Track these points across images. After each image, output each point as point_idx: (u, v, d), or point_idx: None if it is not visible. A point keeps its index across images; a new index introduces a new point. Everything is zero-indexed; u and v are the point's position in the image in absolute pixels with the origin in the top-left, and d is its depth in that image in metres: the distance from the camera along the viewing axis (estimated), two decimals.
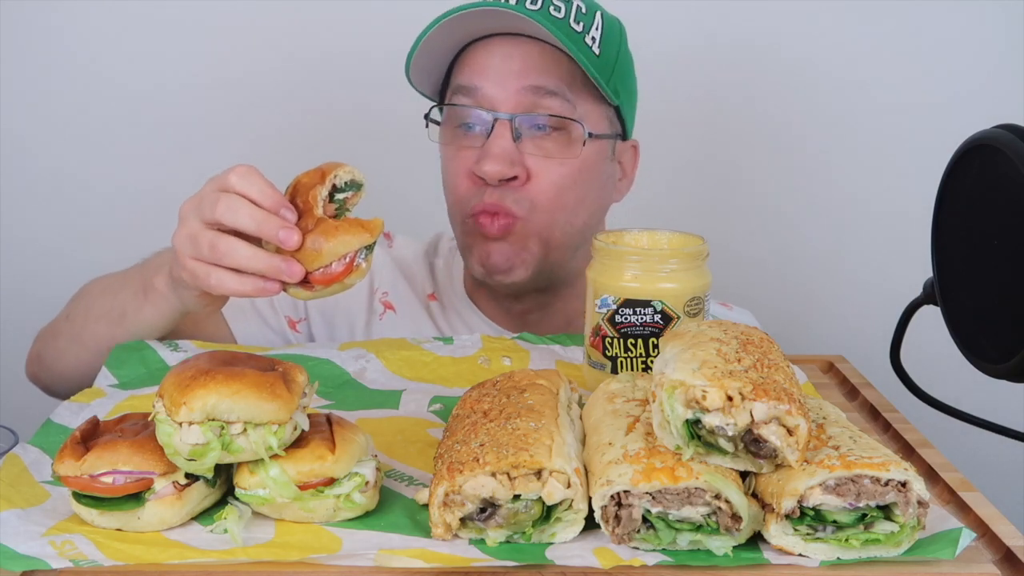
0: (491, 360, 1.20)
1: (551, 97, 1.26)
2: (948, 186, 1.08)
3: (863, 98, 1.88)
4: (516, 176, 1.25)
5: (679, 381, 0.79)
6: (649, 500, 0.78)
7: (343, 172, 0.96)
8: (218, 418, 0.79)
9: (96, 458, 0.80)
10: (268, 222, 0.95)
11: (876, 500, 0.77)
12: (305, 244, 0.93)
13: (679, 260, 1.06)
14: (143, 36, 1.84)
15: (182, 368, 0.82)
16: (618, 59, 1.30)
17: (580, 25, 1.25)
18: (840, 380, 1.22)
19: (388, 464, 0.94)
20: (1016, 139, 0.96)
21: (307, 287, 0.95)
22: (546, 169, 1.27)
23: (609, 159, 1.34)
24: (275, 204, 0.96)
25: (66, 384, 1.26)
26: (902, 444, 1.03)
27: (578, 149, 1.27)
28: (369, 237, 0.94)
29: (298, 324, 1.38)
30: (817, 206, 1.94)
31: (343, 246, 0.93)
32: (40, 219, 1.89)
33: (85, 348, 1.24)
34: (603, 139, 1.31)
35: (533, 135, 1.26)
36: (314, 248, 0.93)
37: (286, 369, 0.85)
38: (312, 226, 0.94)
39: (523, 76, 1.25)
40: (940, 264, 1.11)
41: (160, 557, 0.78)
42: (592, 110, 1.29)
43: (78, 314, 1.28)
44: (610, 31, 1.30)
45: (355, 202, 0.98)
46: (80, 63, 1.84)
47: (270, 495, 0.81)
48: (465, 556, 0.78)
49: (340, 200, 0.97)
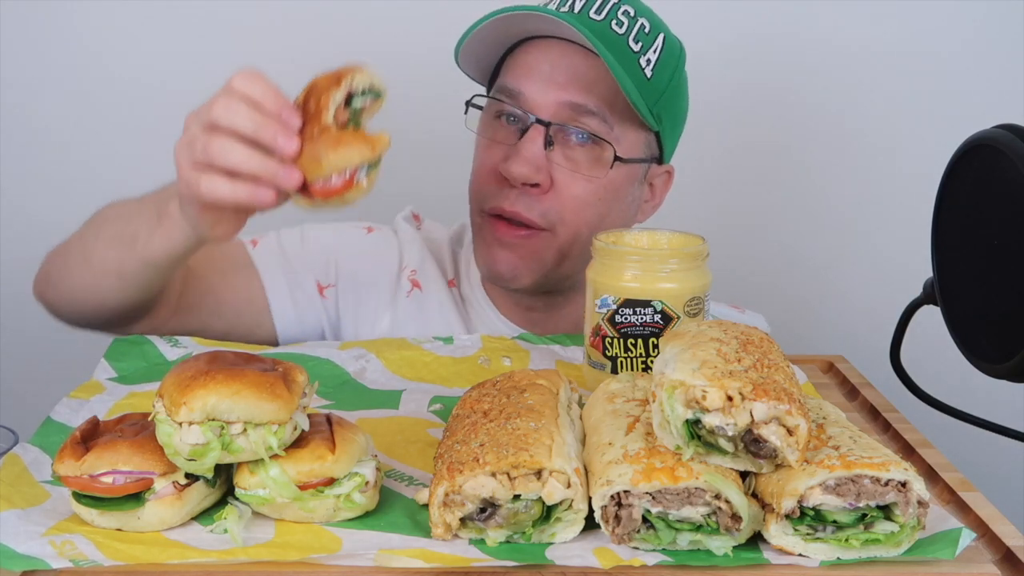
0: (491, 360, 1.20)
1: (590, 116, 1.24)
2: (948, 186, 1.08)
3: (863, 98, 1.88)
4: (539, 184, 1.24)
5: (679, 381, 0.79)
6: (649, 500, 0.78)
7: (361, 76, 0.88)
8: (218, 418, 0.79)
9: (96, 458, 0.80)
10: (266, 125, 0.89)
11: (876, 500, 0.77)
12: (305, 152, 0.87)
13: (679, 260, 1.06)
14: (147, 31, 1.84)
15: (182, 368, 0.82)
16: (669, 84, 1.28)
17: (639, 45, 1.24)
18: (840, 380, 1.22)
19: (388, 464, 0.94)
20: (1016, 139, 0.96)
21: (307, 197, 0.90)
22: (570, 182, 1.25)
23: (639, 182, 1.33)
24: (277, 107, 0.90)
25: (71, 306, 1.23)
26: (902, 444, 1.03)
27: (605, 170, 1.25)
28: (371, 153, 0.88)
29: (326, 290, 1.35)
30: (817, 206, 1.94)
31: (343, 160, 0.87)
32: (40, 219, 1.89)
33: (92, 271, 1.19)
34: (634, 163, 1.29)
35: (565, 146, 1.25)
36: (313, 158, 0.87)
37: (286, 369, 0.85)
38: (317, 134, 0.87)
39: (566, 89, 1.24)
40: (940, 264, 1.11)
41: (160, 557, 0.78)
42: (629, 133, 1.27)
43: (89, 235, 1.22)
44: (668, 54, 1.28)
45: (373, 112, 0.90)
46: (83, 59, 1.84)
47: (270, 495, 0.81)
48: (465, 556, 0.78)
49: (356, 109, 0.89)
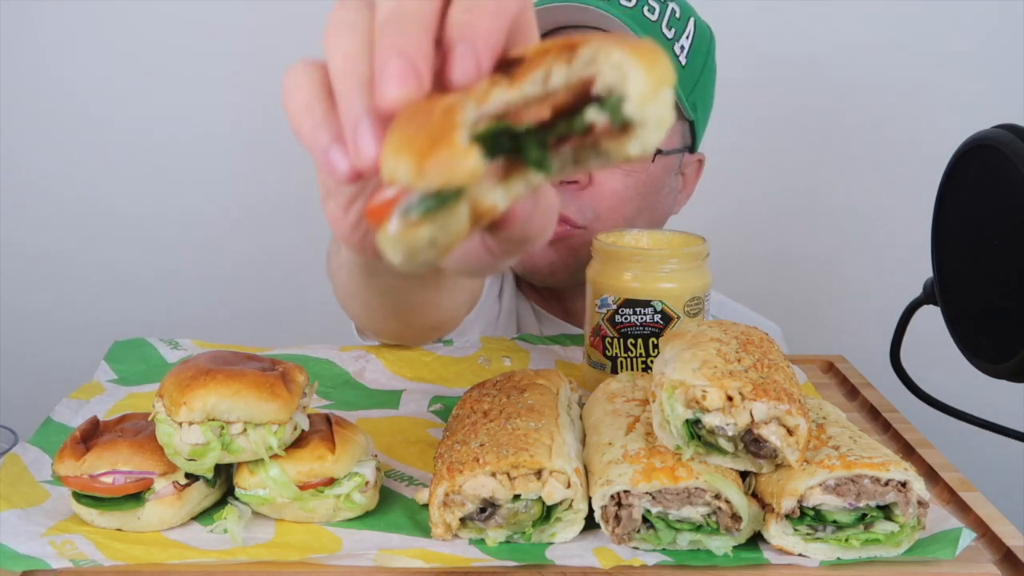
0: (491, 360, 1.20)
1: None
2: (948, 186, 1.08)
3: (862, 98, 1.88)
4: (577, 180, 1.21)
5: (679, 381, 0.79)
6: (649, 500, 0.78)
7: (612, 71, 0.45)
8: (218, 418, 0.79)
9: (96, 458, 0.80)
10: (347, 92, 0.49)
11: (876, 500, 0.77)
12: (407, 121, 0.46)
13: (679, 260, 1.06)
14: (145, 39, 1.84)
15: (182, 368, 0.82)
16: (703, 72, 1.25)
17: (672, 31, 1.19)
18: (840, 380, 1.22)
19: (388, 464, 0.94)
20: (1016, 139, 0.96)
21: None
22: (610, 177, 1.22)
23: (675, 173, 1.31)
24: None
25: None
26: (902, 444, 1.03)
27: (647, 163, 1.23)
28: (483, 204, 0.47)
29: None
30: (817, 206, 1.94)
31: (433, 168, 0.45)
32: (40, 220, 1.89)
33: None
34: (672, 154, 1.27)
35: None
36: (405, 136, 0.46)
37: (286, 369, 0.85)
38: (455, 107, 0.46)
39: None
40: (940, 264, 1.11)
41: (160, 557, 0.78)
42: None
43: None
44: (700, 40, 1.24)
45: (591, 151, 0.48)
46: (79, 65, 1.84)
47: (270, 495, 0.81)
48: (465, 556, 0.78)
49: (581, 124, 0.46)
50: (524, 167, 0.47)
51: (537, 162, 0.47)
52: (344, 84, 0.48)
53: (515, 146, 0.46)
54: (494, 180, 0.46)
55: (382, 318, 0.78)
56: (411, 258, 0.45)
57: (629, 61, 0.44)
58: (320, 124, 0.49)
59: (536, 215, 0.52)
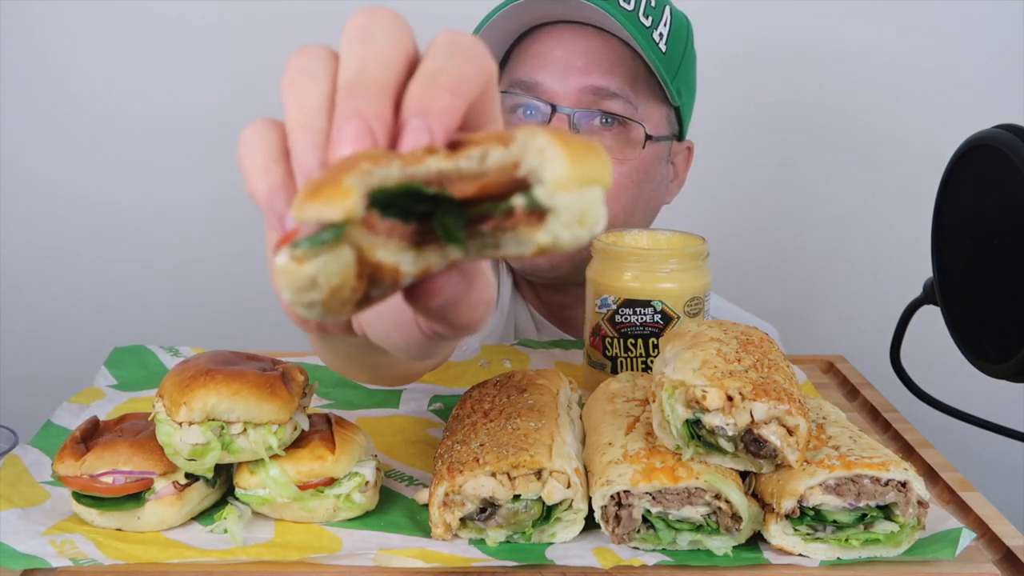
0: (491, 362, 1.20)
1: (613, 98, 1.20)
2: (948, 186, 1.08)
3: (862, 98, 1.88)
4: None
5: (679, 381, 0.79)
6: (649, 500, 0.78)
7: (535, 155, 0.45)
8: (218, 418, 0.79)
9: (96, 458, 0.80)
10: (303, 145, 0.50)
11: (876, 500, 0.77)
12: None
13: (679, 260, 1.06)
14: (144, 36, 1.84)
15: (182, 368, 0.82)
16: (684, 58, 1.25)
17: (649, 20, 1.19)
18: (840, 380, 1.22)
19: (388, 464, 0.94)
20: (1016, 139, 0.96)
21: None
22: None
23: (665, 160, 1.31)
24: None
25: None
26: (902, 444, 1.03)
27: (637, 150, 1.23)
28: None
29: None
30: (817, 206, 1.94)
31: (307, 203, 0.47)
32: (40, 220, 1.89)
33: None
34: (661, 141, 1.27)
35: (591, 132, 1.21)
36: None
37: (286, 369, 0.85)
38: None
39: (585, 74, 1.20)
40: (940, 264, 1.11)
41: (160, 557, 0.78)
42: (653, 110, 1.25)
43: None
44: (678, 28, 1.24)
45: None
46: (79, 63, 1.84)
47: (270, 495, 0.81)
48: (465, 556, 0.78)
49: (505, 206, 0.46)
50: (440, 239, 0.47)
51: (447, 231, 0.46)
52: (299, 136, 0.49)
53: (430, 213, 0.46)
54: (402, 241, 0.46)
55: (351, 373, 0.80)
56: (299, 296, 0.44)
57: (552, 148, 0.44)
58: (277, 188, 0.50)
59: (465, 302, 0.50)
